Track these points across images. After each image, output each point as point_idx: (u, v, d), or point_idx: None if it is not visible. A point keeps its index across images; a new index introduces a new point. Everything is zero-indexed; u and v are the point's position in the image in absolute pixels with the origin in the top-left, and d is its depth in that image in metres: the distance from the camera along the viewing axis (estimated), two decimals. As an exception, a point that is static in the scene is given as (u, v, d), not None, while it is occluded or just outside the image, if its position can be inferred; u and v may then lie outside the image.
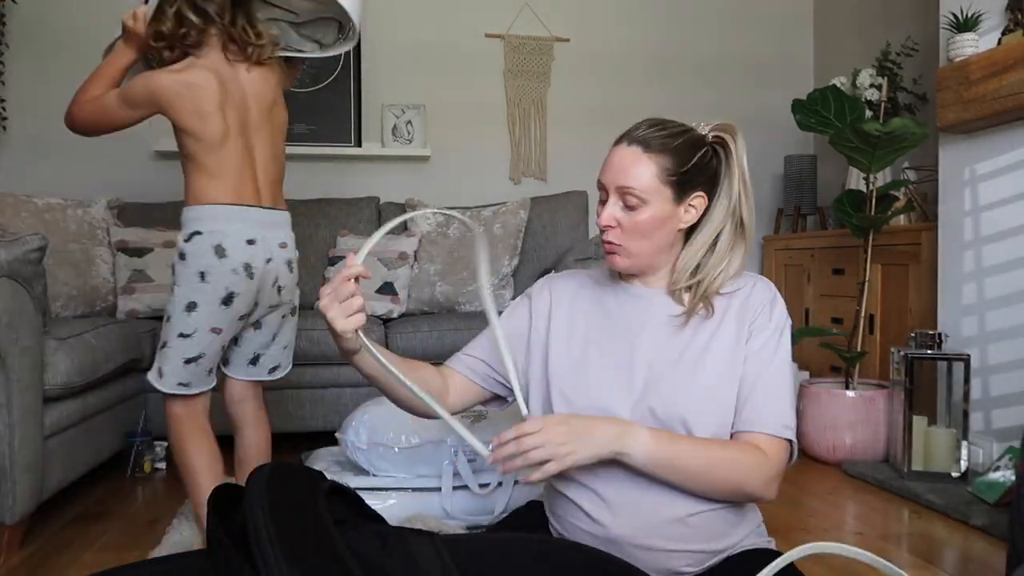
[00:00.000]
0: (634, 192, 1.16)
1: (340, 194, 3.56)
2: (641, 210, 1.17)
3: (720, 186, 1.23)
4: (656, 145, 1.17)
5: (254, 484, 0.89)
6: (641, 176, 1.16)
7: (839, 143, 2.70)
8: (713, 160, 1.22)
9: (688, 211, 1.20)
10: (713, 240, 1.22)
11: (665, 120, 1.23)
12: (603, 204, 1.21)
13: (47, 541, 1.93)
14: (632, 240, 1.19)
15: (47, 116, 3.41)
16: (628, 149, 1.18)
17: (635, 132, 1.19)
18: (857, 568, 1.74)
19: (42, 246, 1.86)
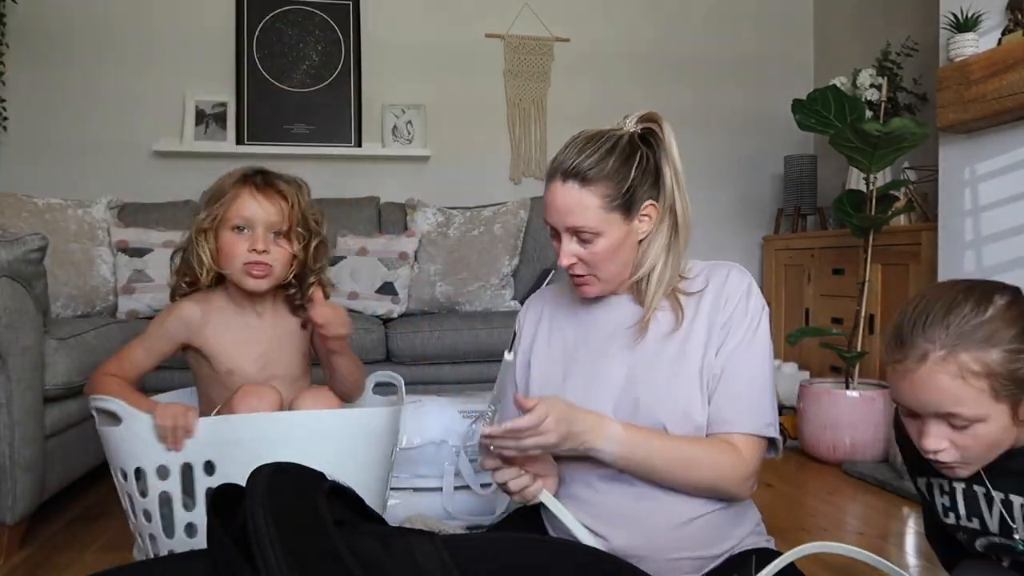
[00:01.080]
0: (585, 229, 1.15)
1: (340, 194, 3.56)
2: (596, 242, 1.16)
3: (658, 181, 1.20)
4: (592, 175, 1.13)
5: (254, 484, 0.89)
6: (586, 213, 1.14)
7: (839, 143, 2.70)
8: (650, 160, 1.19)
9: (642, 221, 1.19)
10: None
11: (591, 135, 1.18)
12: (556, 240, 1.20)
13: (47, 541, 1.92)
14: (598, 268, 1.18)
15: (47, 116, 3.42)
16: (565, 187, 1.14)
17: (566, 163, 1.15)
18: (857, 568, 1.74)
19: (42, 246, 1.86)
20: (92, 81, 3.46)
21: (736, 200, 4.03)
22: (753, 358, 1.18)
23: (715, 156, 3.98)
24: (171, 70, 3.53)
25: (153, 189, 3.42)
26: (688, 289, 1.22)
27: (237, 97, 3.54)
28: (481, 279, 3.20)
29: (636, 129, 1.20)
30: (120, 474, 1.33)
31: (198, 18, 3.56)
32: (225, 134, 3.52)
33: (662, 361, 1.19)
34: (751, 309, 1.19)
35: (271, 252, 1.38)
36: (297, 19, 3.60)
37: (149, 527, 1.32)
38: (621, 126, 1.21)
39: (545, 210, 1.19)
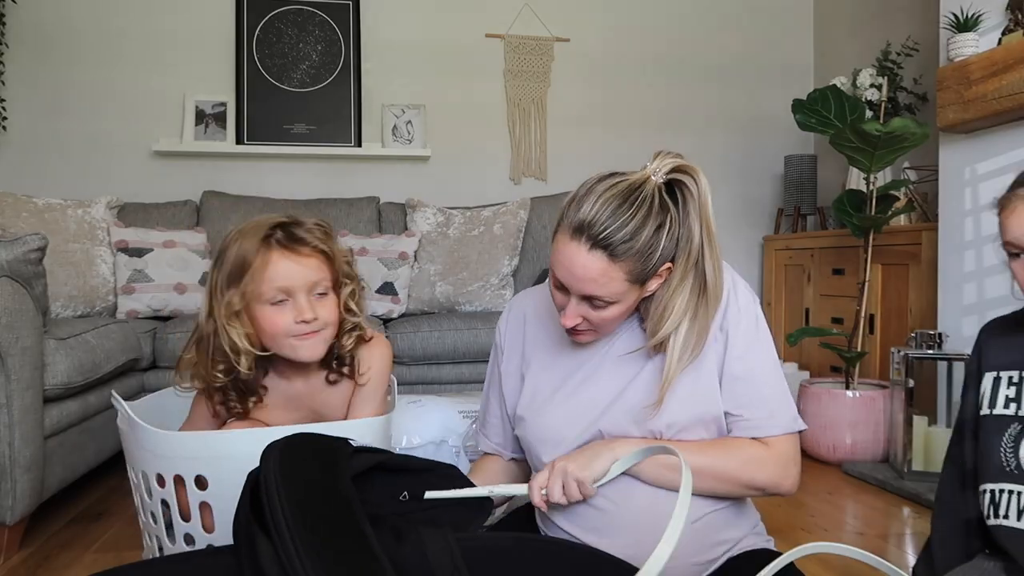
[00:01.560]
0: (602, 299, 1.08)
1: (340, 194, 3.56)
2: (609, 308, 1.09)
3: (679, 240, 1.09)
4: (620, 249, 1.03)
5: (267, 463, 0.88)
6: (608, 287, 1.06)
7: (839, 143, 2.70)
8: (677, 223, 1.08)
9: (654, 281, 1.12)
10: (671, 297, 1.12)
11: (621, 191, 1.05)
12: (562, 294, 1.11)
13: (47, 541, 1.92)
14: (602, 328, 1.15)
15: (47, 116, 3.42)
16: (591, 256, 1.04)
17: (595, 226, 1.03)
18: (857, 568, 1.74)
19: (42, 246, 1.86)
20: (92, 81, 3.46)
21: (736, 200, 4.03)
22: (764, 355, 1.18)
23: (715, 156, 3.98)
24: (171, 70, 3.53)
25: (153, 189, 3.42)
26: None
27: (237, 97, 3.54)
28: (481, 279, 3.20)
29: (662, 179, 1.08)
30: (133, 472, 1.34)
31: (198, 18, 3.56)
32: (225, 134, 3.52)
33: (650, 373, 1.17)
34: (743, 305, 1.17)
35: (319, 316, 1.21)
36: (297, 19, 3.60)
37: (156, 529, 1.32)
38: (647, 173, 1.08)
39: (557, 266, 1.08)
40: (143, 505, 1.32)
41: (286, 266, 1.18)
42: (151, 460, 1.26)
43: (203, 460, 1.22)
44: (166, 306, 2.97)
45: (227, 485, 1.22)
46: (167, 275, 2.99)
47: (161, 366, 2.70)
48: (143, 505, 1.32)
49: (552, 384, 1.25)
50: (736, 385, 1.16)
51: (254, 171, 3.57)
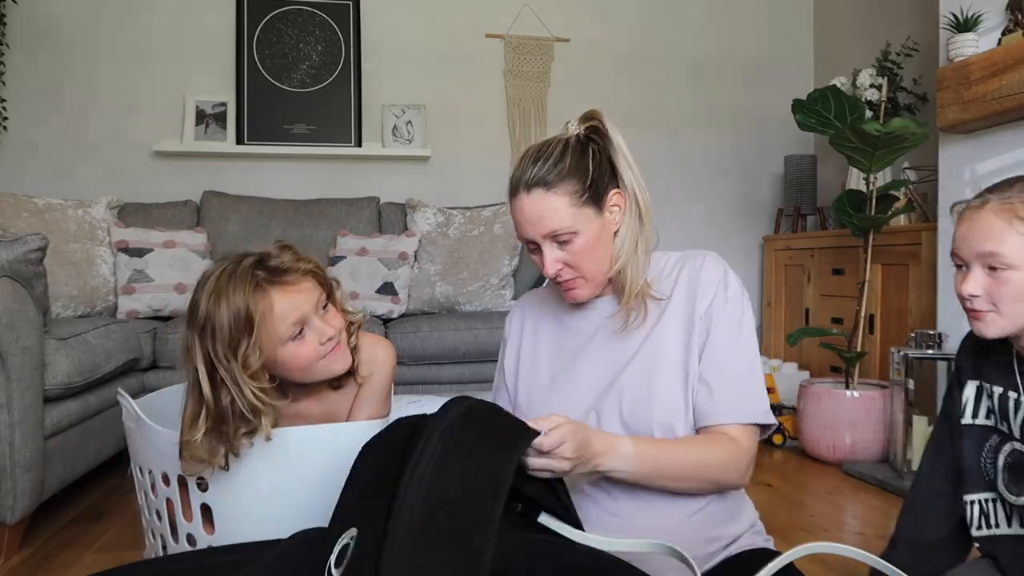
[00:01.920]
0: (561, 230, 1.14)
1: (340, 194, 3.56)
2: (575, 240, 1.15)
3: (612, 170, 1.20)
4: (552, 178, 1.14)
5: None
6: (559, 214, 1.13)
7: (839, 143, 2.70)
8: (602, 154, 1.19)
9: (612, 212, 1.18)
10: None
11: (539, 146, 1.19)
12: (537, 254, 1.18)
13: (47, 541, 1.93)
14: (582, 268, 1.18)
15: (47, 116, 3.42)
16: (531, 197, 1.14)
17: (525, 176, 1.15)
18: (857, 568, 1.74)
19: (42, 246, 1.86)
20: (92, 81, 3.46)
21: (736, 200, 4.03)
22: (743, 348, 1.18)
23: (715, 156, 3.98)
24: (171, 70, 3.53)
25: (153, 189, 3.42)
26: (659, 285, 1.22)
27: (237, 97, 3.54)
28: (481, 279, 3.20)
29: (580, 130, 1.20)
30: (138, 470, 1.33)
31: (198, 18, 3.56)
32: (225, 134, 3.52)
33: (642, 357, 1.19)
34: (731, 297, 1.19)
35: (335, 327, 1.22)
36: (297, 19, 3.60)
37: (160, 527, 1.32)
38: (564, 131, 1.21)
39: (517, 228, 1.18)
40: (147, 503, 1.32)
41: (291, 300, 1.16)
42: (157, 459, 1.26)
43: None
44: (166, 306, 2.97)
45: (227, 489, 1.22)
46: (167, 275, 2.99)
47: (161, 366, 2.70)
48: (147, 503, 1.32)
49: (551, 372, 1.27)
50: (712, 371, 1.16)
51: (254, 171, 3.57)
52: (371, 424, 1.29)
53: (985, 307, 1.12)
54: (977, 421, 1.24)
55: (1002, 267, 1.10)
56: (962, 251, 1.14)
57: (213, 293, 1.13)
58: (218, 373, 1.13)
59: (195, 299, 1.15)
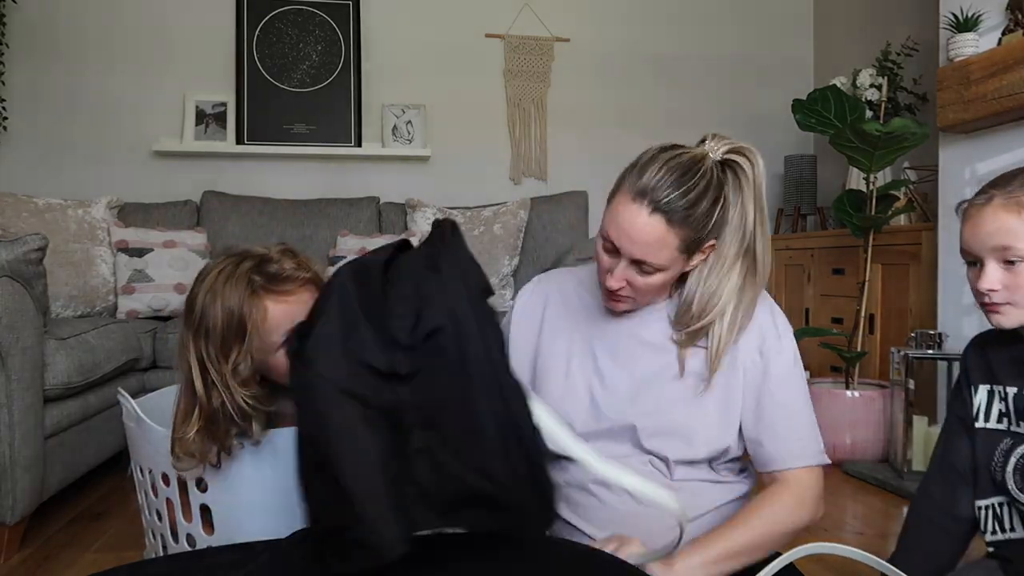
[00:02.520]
0: (652, 264, 1.09)
1: (340, 194, 3.56)
2: (656, 275, 1.11)
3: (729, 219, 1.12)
4: (679, 217, 1.06)
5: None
6: (662, 253, 1.08)
7: (839, 143, 2.70)
8: (728, 199, 1.11)
9: (697, 257, 1.13)
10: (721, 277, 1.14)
11: (685, 162, 1.08)
12: (610, 256, 1.12)
13: (47, 541, 1.92)
14: (643, 295, 1.15)
15: (47, 116, 3.42)
16: (650, 220, 1.06)
17: (658, 192, 1.06)
18: (857, 568, 1.74)
19: (42, 246, 1.86)
20: (92, 81, 3.46)
21: (736, 200, 4.02)
22: (799, 385, 1.19)
23: (715, 156, 3.98)
24: (171, 70, 3.53)
25: (153, 189, 3.42)
26: None
27: (237, 97, 3.54)
28: (481, 279, 3.20)
29: (721, 158, 1.11)
30: (138, 469, 1.33)
31: (198, 18, 3.56)
32: (225, 134, 3.52)
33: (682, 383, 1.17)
34: (783, 333, 1.19)
35: None
36: (297, 19, 3.60)
37: (160, 527, 1.32)
38: (706, 150, 1.11)
39: (612, 225, 1.09)
40: (147, 503, 1.32)
41: (285, 310, 1.12)
42: (156, 458, 1.26)
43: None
44: (166, 306, 2.97)
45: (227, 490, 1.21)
46: (167, 275, 2.99)
47: (161, 366, 2.70)
48: (147, 503, 1.32)
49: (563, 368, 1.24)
50: (774, 411, 1.16)
51: (254, 171, 3.57)
52: None
53: (1003, 300, 1.13)
54: (988, 425, 1.24)
55: (1018, 259, 1.10)
56: (973, 247, 1.15)
57: (209, 293, 1.11)
58: (209, 375, 1.11)
59: (192, 295, 1.13)
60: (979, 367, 1.27)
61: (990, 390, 1.25)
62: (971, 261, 1.17)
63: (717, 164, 1.11)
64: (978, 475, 1.24)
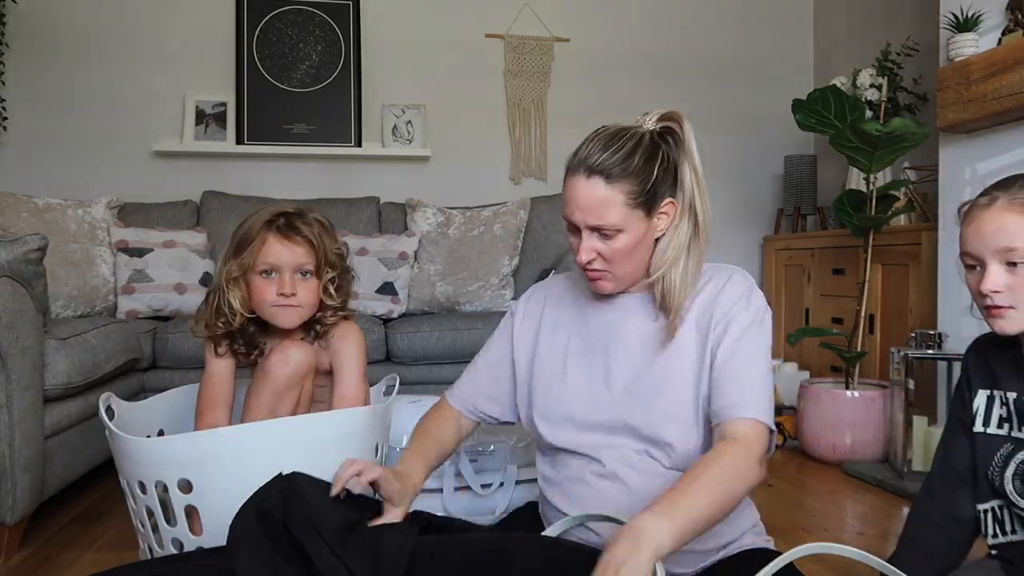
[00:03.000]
0: (607, 226, 1.14)
1: (340, 194, 3.56)
2: (617, 238, 1.15)
3: (681, 180, 1.19)
4: (616, 172, 1.13)
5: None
6: (611, 211, 1.13)
7: (839, 143, 2.70)
8: (671, 159, 1.18)
9: (660, 218, 1.18)
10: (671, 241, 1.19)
11: (613, 132, 1.17)
12: (574, 235, 1.19)
13: (47, 541, 1.92)
14: (616, 265, 1.18)
15: (47, 116, 3.42)
16: (590, 183, 1.14)
17: (591, 159, 1.14)
18: (857, 568, 1.74)
19: (42, 246, 1.86)
20: (92, 81, 3.46)
21: (736, 200, 4.03)
22: (759, 350, 1.16)
23: (715, 156, 3.97)
24: (171, 70, 3.53)
25: (153, 189, 3.42)
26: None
27: (237, 97, 3.54)
28: (481, 279, 3.20)
29: (656, 127, 1.19)
30: (121, 477, 1.34)
31: (198, 18, 3.56)
32: (225, 134, 3.52)
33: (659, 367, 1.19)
34: (754, 307, 1.18)
35: (298, 293, 1.42)
36: (297, 19, 3.60)
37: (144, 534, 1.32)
38: (640, 123, 1.20)
39: (565, 205, 1.18)
40: (133, 511, 1.32)
41: (277, 247, 1.41)
42: (131, 468, 1.26)
43: (184, 464, 1.22)
44: (166, 306, 2.97)
45: (213, 487, 1.21)
46: (167, 275, 2.99)
47: (161, 366, 2.70)
48: (133, 511, 1.32)
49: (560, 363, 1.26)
50: (724, 368, 1.15)
51: (254, 171, 3.57)
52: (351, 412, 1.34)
53: (1006, 303, 1.12)
54: (988, 430, 1.23)
55: (1021, 261, 1.10)
56: (975, 250, 1.14)
57: (255, 214, 1.46)
58: (223, 266, 1.44)
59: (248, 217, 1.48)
60: (979, 371, 1.27)
61: (990, 395, 1.25)
62: (972, 264, 1.16)
63: (651, 132, 1.18)
64: (978, 478, 1.24)
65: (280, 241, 1.41)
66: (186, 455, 1.22)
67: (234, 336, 1.48)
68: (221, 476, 1.21)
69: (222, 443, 1.23)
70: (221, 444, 1.23)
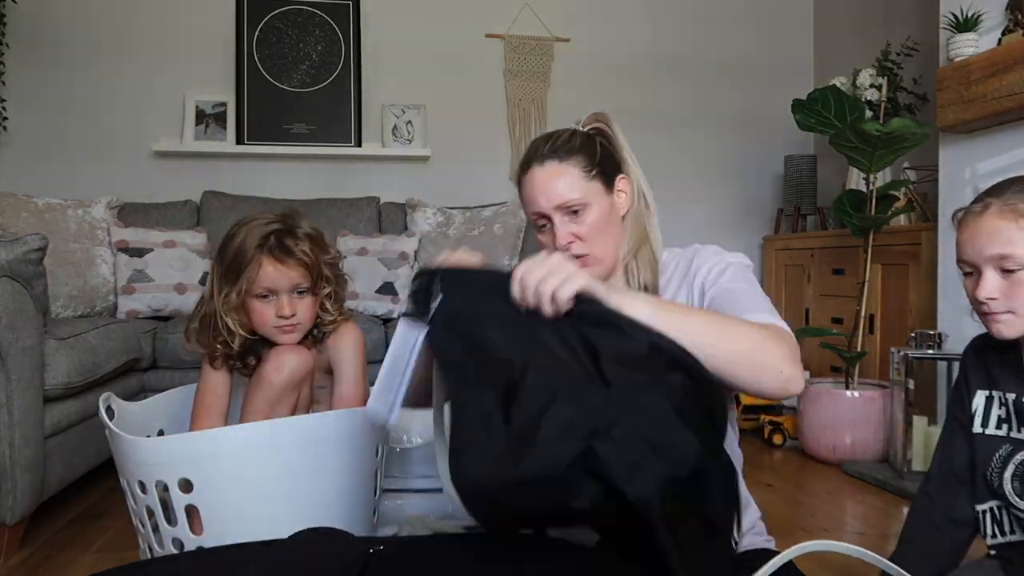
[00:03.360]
0: (574, 201, 1.18)
1: (340, 194, 3.56)
2: (587, 212, 1.19)
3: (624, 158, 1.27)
4: (563, 151, 1.20)
5: None
6: (572, 184, 1.18)
7: (839, 143, 2.70)
8: (606, 147, 1.25)
9: (620, 196, 1.24)
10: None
11: (548, 133, 1.25)
12: (546, 231, 1.22)
13: (47, 541, 1.92)
14: (594, 243, 1.20)
15: (47, 116, 3.42)
16: (545, 168, 1.19)
17: (538, 152, 1.21)
18: (857, 568, 1.74)
19: (42, 246, 1.86)
20: (92, 81, 3.46)
21: (736, 200, 4.03)
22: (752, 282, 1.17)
23: (715, 156, 3.98)
24: (171, 70, 3.53)
25: (153, 189, 3.42)
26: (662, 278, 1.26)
27: (237, 97, 3.54)
28: (481, 279, 3.20)
29: (587, 128, 1.26)
30: (121, 477, 1.34)
31: (198, 18, 3.56)
32: (225, 134, 3.52)
33: None
34: (733, 256, 1.22)
35: (297, 312, 1.44)
36: (297, 19, 3.60)
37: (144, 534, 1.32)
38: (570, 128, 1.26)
39: (527, 204, 1.22)
40: (133, 511, 1.33)
41: (272, 272, 1.41)
42: (131, 467, 1.26)
43: (184, 463, 1.22)
44: (166, 306, 2.97)
45: (214, 487, 1.21)
46: (167, 275, 2.99)
47: (161, 366, 2.70)
48: (133, 511, 1.33)
49: None
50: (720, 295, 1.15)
51: (254, 171, 3.57)
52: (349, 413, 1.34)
53: (1002, 309, 1.13)
54: (987, 431, 1.24)
55: (1017, 268, 1.10)
56: (970, 256, 1.15)
57: (242, 229, 1.43)
58: (214, 286, 1.44)
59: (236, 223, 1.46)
60: (978, 371, 1.27)
61: (988, 395, 1.25)
62: (968, 271, 1.17)
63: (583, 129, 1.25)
64: (976, 479, 1.24)
65: (274, 265, 1.41)
66: (186, 454, 1.22)
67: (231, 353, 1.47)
68: (221, 475, 1.21)
69: (223, 443, 1.23)
70: (221, 444, 1.23)
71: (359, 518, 1.39)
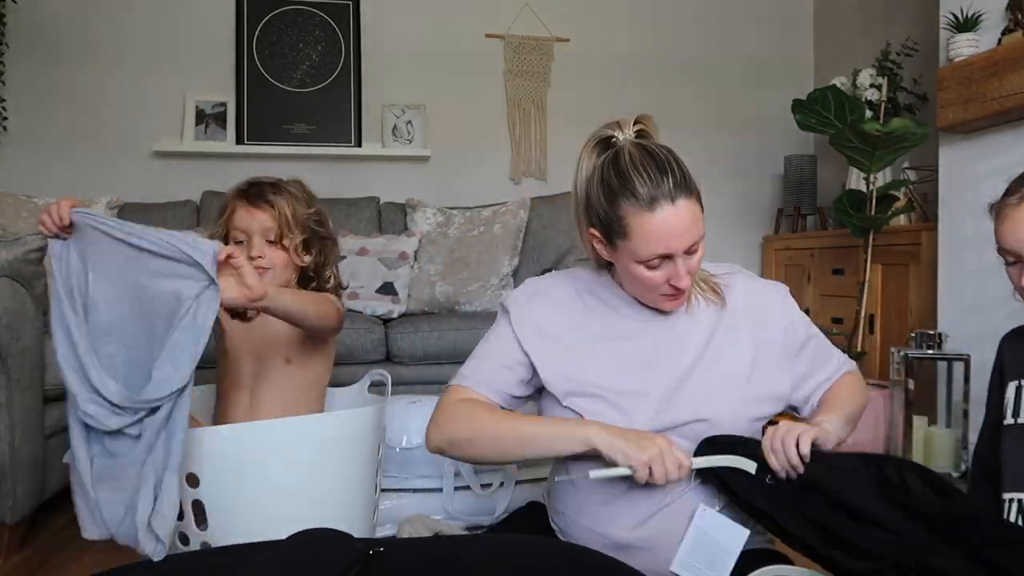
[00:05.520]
0: (699, 239, 1.14)
1: (340, 194, 3.56)
2: (700, 246, 1.16)
3: None
4: (689, 185, 1.13)
5: None
6: (700, 222, 1.14)
7: (839, 143, 2.70)
8: None
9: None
10: None
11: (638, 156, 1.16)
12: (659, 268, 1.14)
13: (47, 541, 1.92)
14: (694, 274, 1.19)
15: (47, 116, 3.42)
16: (677, 206, 1.10)
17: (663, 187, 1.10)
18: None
19: (42, 246, 1.86)
20: (92, 81, 3.46)
21: (736, 200, 4.03)
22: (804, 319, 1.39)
23: (715, 156, 3.97)
24: (171, 70, 3.53)
25: (153, 189, 3.42)
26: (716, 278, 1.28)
27: (237, 97, 3.54)
28: (481, 279, 3.20)
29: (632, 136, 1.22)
30: None
31: (198, 18, 3.56)
32: (225, 134, 3.52)
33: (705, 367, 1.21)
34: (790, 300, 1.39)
35: (266, 256, 1.52)
36: (297, 19, 3.60)
37: None
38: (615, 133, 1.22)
39: (656, 242, 1.11)
40: None
41: (242, 215, 1.54)
42: None
43: (192, 457, 1.22)
44: (166, 306, 2.96)
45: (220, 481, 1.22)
46: (167, 275, 2.99)
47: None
48: None
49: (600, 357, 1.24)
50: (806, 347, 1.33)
51: (254, 171, 3.48)
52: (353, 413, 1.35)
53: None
54: (1019, 420, 1.23)
55: None
56: (1012, 245, 1.20)
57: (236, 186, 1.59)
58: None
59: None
60: (1012, 363, 1.27)
61: (1019, 385, 1.25)
62: (1012, 260, 1.18)
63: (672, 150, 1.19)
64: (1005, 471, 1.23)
65: (246, 208, 1.54)
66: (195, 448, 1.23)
67: None
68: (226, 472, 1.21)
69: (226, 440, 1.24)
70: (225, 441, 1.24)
71: (359, 517, 1.39)
